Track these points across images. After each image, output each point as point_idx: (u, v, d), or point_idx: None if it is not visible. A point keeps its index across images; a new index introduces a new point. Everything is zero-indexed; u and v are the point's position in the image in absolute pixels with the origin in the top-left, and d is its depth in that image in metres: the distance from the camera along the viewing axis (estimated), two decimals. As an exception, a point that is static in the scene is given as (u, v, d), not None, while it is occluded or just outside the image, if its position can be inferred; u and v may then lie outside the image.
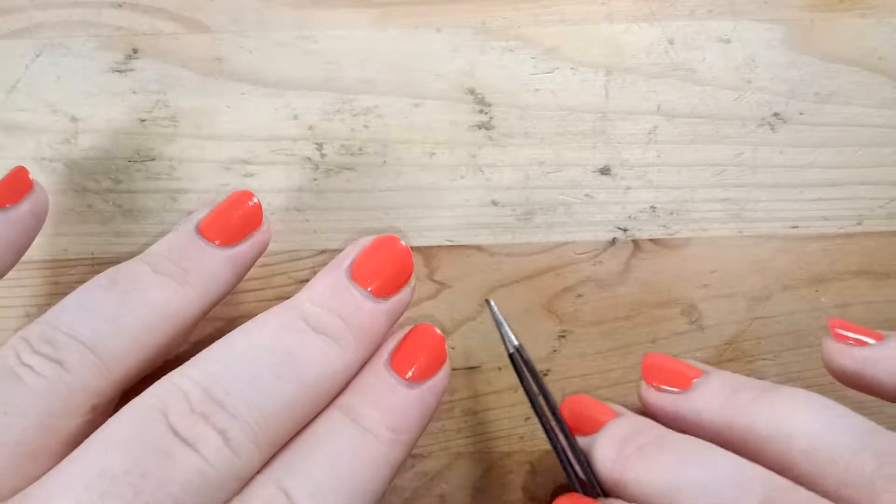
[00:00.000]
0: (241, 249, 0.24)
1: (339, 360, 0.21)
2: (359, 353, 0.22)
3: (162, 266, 0.22)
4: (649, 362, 0.24)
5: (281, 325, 0.21)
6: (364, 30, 0.27)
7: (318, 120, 0.27)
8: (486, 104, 0.27)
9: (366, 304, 0.23)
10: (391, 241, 0.24)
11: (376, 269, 0.23)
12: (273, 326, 0.21)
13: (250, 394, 0.20)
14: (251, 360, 0.20)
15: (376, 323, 0.23)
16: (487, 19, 0.27)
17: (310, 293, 0.23)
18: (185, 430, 0.19)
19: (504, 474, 0.28)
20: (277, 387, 0.20)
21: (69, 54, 0.27)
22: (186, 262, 0.23)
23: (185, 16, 0.27)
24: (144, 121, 0.27)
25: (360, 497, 0.20)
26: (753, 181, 0.27)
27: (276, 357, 0.20)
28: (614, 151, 0.27)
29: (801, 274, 0.28)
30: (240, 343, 0.21)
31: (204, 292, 0.22)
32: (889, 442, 0.19)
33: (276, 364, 0.20)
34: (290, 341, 0.21)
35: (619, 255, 0.27)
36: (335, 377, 0.21)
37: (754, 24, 0.27)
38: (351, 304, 0.22)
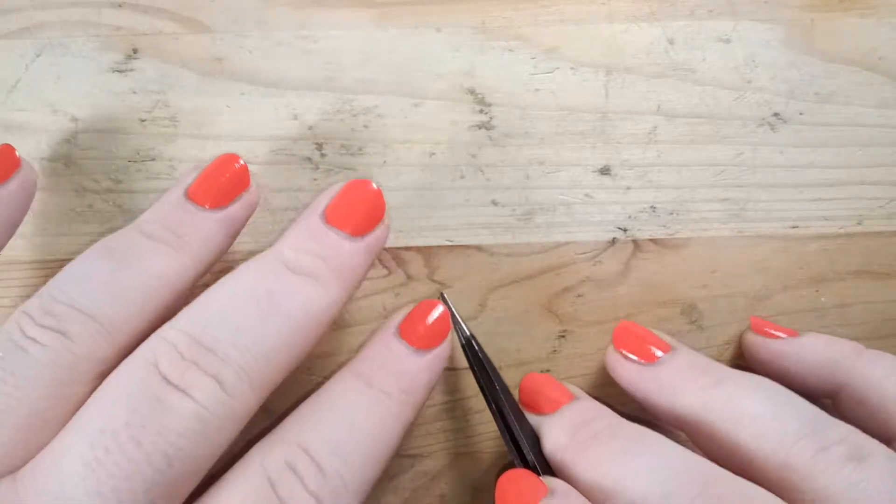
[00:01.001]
0: (232, 211, 0.24)
1: (324, 298, 0.22)
2: (342, 291, 0.22)
3: (156, 233, 0.23)
4: (622, 327, 0.25)
5: (261, 271, 0.22)
6: (364, 30, 0.27)
7: (318, 120, 0.27)
8: (486, 104, 0.27)
9: (343, 243, 0.23)
10: (362, 184, 0.24)
11: (350, 210, 0.23)
12: (253, 273, 0.22)
13: (238, 337, 0.20)
14: (236, 305, 0.21)
15: (356, 260, 0.23)
16: (487, 19, 0.27)
17: (287, 240, 0.23)
18: (178, 378, 0.19)
19: (504, 474, 0.28)
20: (264, 327, 0.20)
21: (69, 54, 0.27)
22: (179, 228, 0.23)
23: (185, 16, 0.27)
24: (144, 121, 0.27)
25: (377, 452, 0.21)
26: (753, 181, 0.27)
27: (259, 300, 0.21)
28: (614, 151, 0.27)
29: (801, 274, 0.28)
30: (222, 292, 0.21)
31: (199, 256, 0.23)
32: (833, 428, 0.20)
33: (261, 306, 0.21)
34: (272, 284, 0.21)
35: (619, 255, 0.27)
36: (321, 314, 0.22)
37: (754, 24, 0.27)
38: (329, 244, 0.23)
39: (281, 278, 0.21)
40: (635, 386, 0.24)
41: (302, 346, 0.21)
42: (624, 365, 0.24)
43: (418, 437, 0.27)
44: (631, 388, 0.24)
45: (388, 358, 0.23)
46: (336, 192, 0.23)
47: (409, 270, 0.27)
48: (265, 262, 0.22)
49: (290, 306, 0.21)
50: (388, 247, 0.27)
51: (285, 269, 0.22)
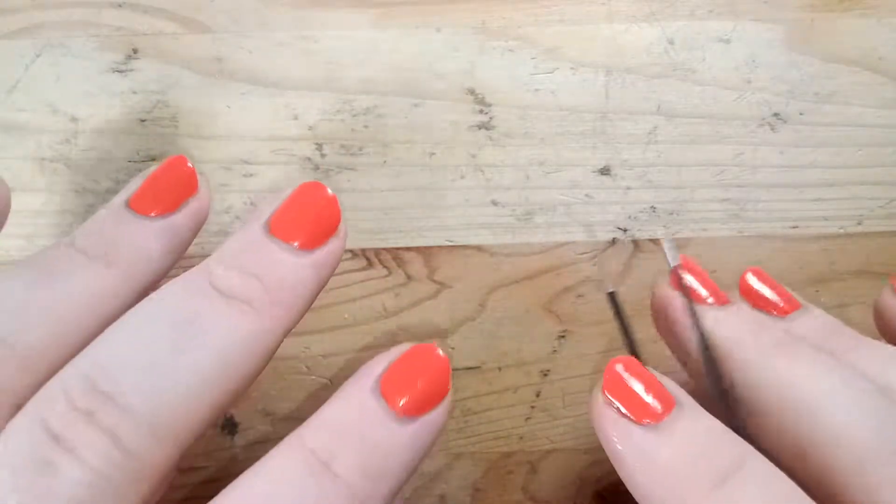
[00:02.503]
0: (175, 220, 0.21)
1: (255, 325, 0.18)
2: (281, 317, 0.19)
3: (87, 246, 0.20)
4: (755, 270, 0.22)
5: (183, 292, 0.18)
6: (364, 30, 0.27)
7: (318, 120, 0.27)
8: (486, 104, 0.27)
9: (286, 258, 0.19)
10: (314, 188, 0.20)
11: (298, 218, 0.19)
12: (172, 297, 0.18)
13: (144, 377, 0.17)
14: (143, 337, 0.17)
15: (300, 279, 0.19)
16: (487, 19, 0.27)
17: (220, 254, 0.19)
18: (67, 434, 0.16)
19: (504, 474, 0.28)
20: (176, 365, 0.17)
21: (69, 54, 0.27)
22: (114, 240, 0.20)
23: (185, 16, 0.27)
24: (144, 121, 0.27)
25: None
26: (753, 181, 0.27)
27: (173, 330, 0.17)
28: (614, 151, 0.27)
29: (801, 274, 0.28)
30: (133, 320, 0.18)
31: (133, 273, 0.20)
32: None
33: (174, 336, 0.17)
34: (191, 309, 0.18)
35: (619, 256, 0.27)
36: (253, 346, 0.18)
37: (754, 24, 0.27)
38: (268, 260, 0.19)
39: (203, 302, 0.18)
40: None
41: (229, 385, 0.18)
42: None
43: (418, 437, 0.27)
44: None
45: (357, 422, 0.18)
46: (284, 198, 0.20)
47: (409, 270, 0.27)
48: (189, 282, 0.19)
49: (211, 338, 0.18)
50: (387, 247, 0.27)
51: (211, 289, 0.18)
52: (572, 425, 0.28)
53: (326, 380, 0.27)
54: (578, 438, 0.28)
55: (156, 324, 0.18)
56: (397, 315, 0.27)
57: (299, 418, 0.27)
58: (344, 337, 0.27)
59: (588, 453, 0.28)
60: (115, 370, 0.17)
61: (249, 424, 0.27)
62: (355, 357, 0.27)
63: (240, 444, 0.27)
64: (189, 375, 0.17)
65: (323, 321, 0.27)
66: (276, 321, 0.19)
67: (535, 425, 0.28)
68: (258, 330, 0.18)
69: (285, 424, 0.27)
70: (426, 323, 0.27)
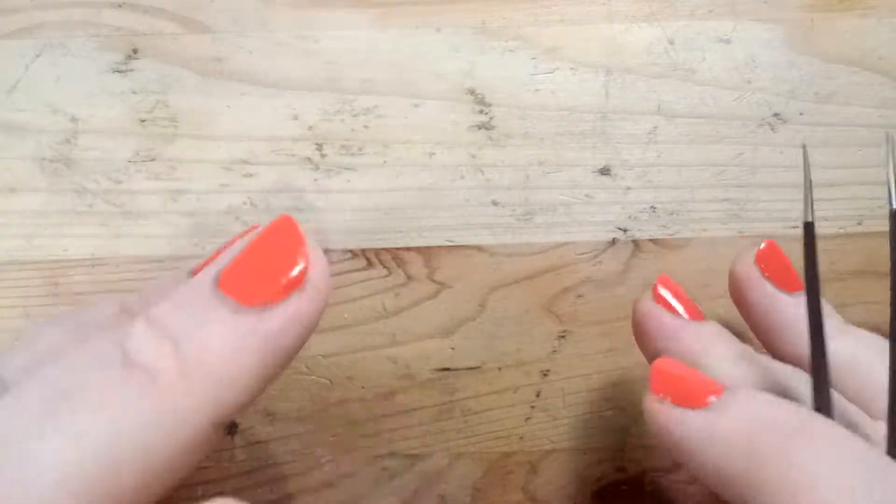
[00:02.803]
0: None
1: (156, 409, 0.14)
2: (201, 398, 0.15)
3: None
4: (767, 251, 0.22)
5: (82, 356, 0.15)
6: (364, 30, 0.27)
7: (318, 120, 0.27)
8: (486, 104, 0.27)
9: (224, 317, 0.15)
10: (281, 229, 0.16)
11: (254, 269, 0.15)
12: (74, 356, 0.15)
13: (2, 461, 0.14)
14: (15, 408, 0.14)
15: (237, 347, 0.15)
16: (487, 19, 0.27)
17: (155, 306, 0.16)
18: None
19: (504, 474, 0.28)
20: (38, 446, 0.14)
21: (69, 54, 0.27)
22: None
23: (185, 16, 0.27)
24: (144, 121, 0.27)
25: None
26: (753, 181, 0.27)
27: (45, 401, 0.14)
28: (614, 151, 0.27)
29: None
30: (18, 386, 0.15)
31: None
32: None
33: (43, 411, 0.14)
34: (78, 379, 0.14)
35: (619, 256, 0.27)
36: (148, 435, 0.14)
37: (754, 24, 0.27)
38: (199, 319, 0.15)
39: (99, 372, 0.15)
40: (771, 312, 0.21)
41: (118, 481, 0.14)
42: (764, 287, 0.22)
43: (418, 437, 0.27)
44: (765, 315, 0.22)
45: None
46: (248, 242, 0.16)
47: (409, 270, 0.27)
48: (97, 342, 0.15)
49: (91, 417, 0.14)
50: (387, 247, 0.27)
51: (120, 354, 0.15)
52: (572, 425, 0.28)
53: (326, 380, 0.27)
54: (578, 438, 0.28)
55: (28, 394, 0.14)
56: (397, 315, 0.27)
57: (299, 418, 0.27)
58: (344, 337, 0.27)
59: (588, 453, 0.28)
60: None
61: (249, 424, 0.27)
62: (355, 357, 0.27)
63: (240, 445, 0.27)
64: (50, 464, 0.14)
65: (323, 321, 0.27)
66: (192, 402, 0.14)
67: (535, 425, 0.28)
68: (160, 414, 0.14)
69: (285, 424, 0.27)
70: (426, 323, 0.27)
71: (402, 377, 0.27)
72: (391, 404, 0.27)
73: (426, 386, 0.27)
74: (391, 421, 0.27)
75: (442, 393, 0.27)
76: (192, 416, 0.14)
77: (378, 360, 0.27)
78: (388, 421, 0.27)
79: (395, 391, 0.27)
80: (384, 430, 0.27)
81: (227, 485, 0.27)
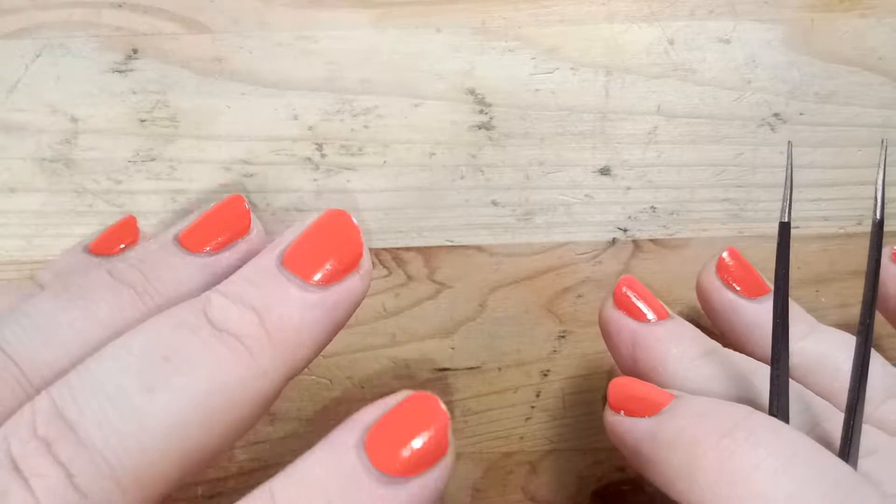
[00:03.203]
0: (221, 258, 0.20)
1: (246, 367, 0.16)
2: (280, 359, 0.17)
3: (123, 273, 0.19)
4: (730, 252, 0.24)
5: (170, 322, 0.17)
6: (364, 30, 0.27)
7: (318, 120, 0.27)
8: (486, 104, 0.27)
9: (293, 292, 0.17)
10: (338, 217, 0.19)
11: (314, 251, 0.18)
12: (158, 325, 0.17)
13: (108, 411, 0.15)
14: (118, 365, 0.16)
15: (307, 318, 0.18)
16: (487, 19, 0.27)
17: (226, 282, 0.18)
18: (24, 462, 0.15)
19: (504, 474, 0.28)
20: (146, 400, 0.15)
21: (69, 54, 0.27)
22: (152, 271, 0.19)
23: (185, 16, 0.27)
24: (144, 121, 0.27)
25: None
26: (753, 181, 0.27)
27: (146, 363, 0.16)
28: (614, 151, 0.27)
29: (801, 274, 0.28)
30: (113, 348, 0.17)
31: (164, 304, 0.18)
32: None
33: (148, 369, 0.16)
34: (172, 342, 0.16)
35: (619, 256, 0.27)
36: (240, 389, 0.16)
37: (754, 24, 0.27)
38: (273, 294, 0.17)
39: (191, 335, 0.17)
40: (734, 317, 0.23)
41: (208, 433, 0.16)
42: (724, 295, 0.23)
43: (418, 437, 0.27)
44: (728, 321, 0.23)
45: (334, 482, 0.15)
46: (307, 226, 0.19)
47: (409, 270, 0.27)
48: (183, 311, 0.17)
49: (193, 376, 0.16)
50: (388, 247, 0.27)
51: (205, 322, 0.17)
52: (572, 425, 0.28)
53: (326, 380, 0.27)
54: (578, 438, 0.28)
55: (131, 354, 0.16)
56: (397, 315, 0.27)
57: (299, 418, 0.27)
58: (344, 337, 0.27)
59: (588, 453, 0.28)
60: (81, 398, 0.16)
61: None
62: (355, 357, 0.27)
63: (240, 445, 0.27)
64: (159, 416, 0.15)
65: (323, 321, 0.27)
66: (273, 363, 0.17)
67: (535, 425, 0.28)
68: (249, 371, 0.17)
69: (285, 424, 0.27)
70: (426, 323, 0.27)
71: (402, 377, 0.27)
72: (391, 404, 0.27)
73: (426, 386, 0.27)
74: (391, 421, 0.27)
75: (442, 393, 0.27)
76: (273, 375, 0.17)
77: (378, 360, 0.27)
78: (388, 421, 0.27)
79: (395, 391, 0.27)
80: (384, 430, 0.27)
81: (227, 485, 0.27)
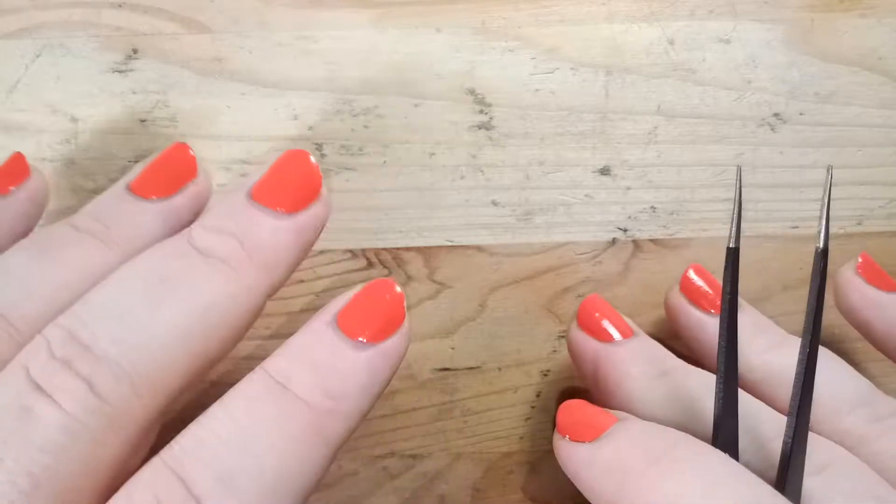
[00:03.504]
0: (175, 202, 0.22)
1: (234, 284, 0.19)
2: (261, 277, 0.19)
3: (85, 224, 0.21)
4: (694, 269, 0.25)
5: (160, 253, 0.19)
6: (364, 30, 0.27)
7: (318, 120, 0.27)
8: (486, 104, 0.27)
9: (266, 221, 0.20)
10: (297, 155, 0.21)
11: (279, 185, 0.20)
12: (153, 256, 0.19)
13: (119, 329, 0.17)
14: (122, 291, 0.18)
15: (280, 241, 0.20)
16: (487, 19, 0.27)
17: (201, 219, 0.20)
18: (46, 382, 0.17)
19: (504, 474, 0.28)
20: (152, 317, 0.18)
21: (69, 54, 0.27)
22: (111, 219, 0.21)
23: (185, 16, 0.27)
24: (144, 121, 0.27)
25: (284, 484, 0.17)
26: (753, 181, 0.27)
27: (148, 285, 0.18)
28: (614, 151, 0.27)
29: (801, 274, 0.28)
30: (113, 278, 0.19)
31: (129, 248, 0.20)
32: (886, 402, 0.22)
33: (150, 291, 0.18)
34: (166, 267, 0.19)
35: (619, 256, 0.27)
36: (231, 303, 0.19)
37: (754, 24, 0.27)
38: (248, 222, 0.20)
39: (182, 261, 0.19)
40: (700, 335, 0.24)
41: (208, 342, 0.18)
42: (689, 313, 0.24)
43: (418, 437, 0.27)
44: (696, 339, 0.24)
45: (314, 349, 0.19)
46: (270, 165, 0.21)
47: (409, 270, 0.27)
48: (170, 244, 0.19)
49: (189, 293, 0.18)
50: (387, 247, 0.27)
51: (192, 250, 0.19)
52: (572, 425, 0.28)
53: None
54: (578, 438, 0.28)
55: (132, 281, 0.18)
56: (397, 315, 0.27)
57: (299, 418, 0.27)
58: (344, 337, 0.27)
59: (588, 453, 0.28)
60: (92, 323, 0.18)
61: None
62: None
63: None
64: (164, 329, 0.18)
65: (323, 321, 0.27)
66: (256, 279, 0.19)
67: (535, 425, 0.28)
68: (236, 287, 0.19)
69: (285, 424, 0.27)
70: (426, 323, 0.27)
71: (402, 377, 0.27)
72: (391, 404, 0.27)
73: (426, 386, 0.27)
74: (391, 421, 0.27)
75: (442, 393, 0.27)
76: (257, 291, 0.19)
77: (378, 360, 0.27)
78: (388, 421, 0.27)
79: (395, 391, 0.27)
80: (384, 430, 0.27)
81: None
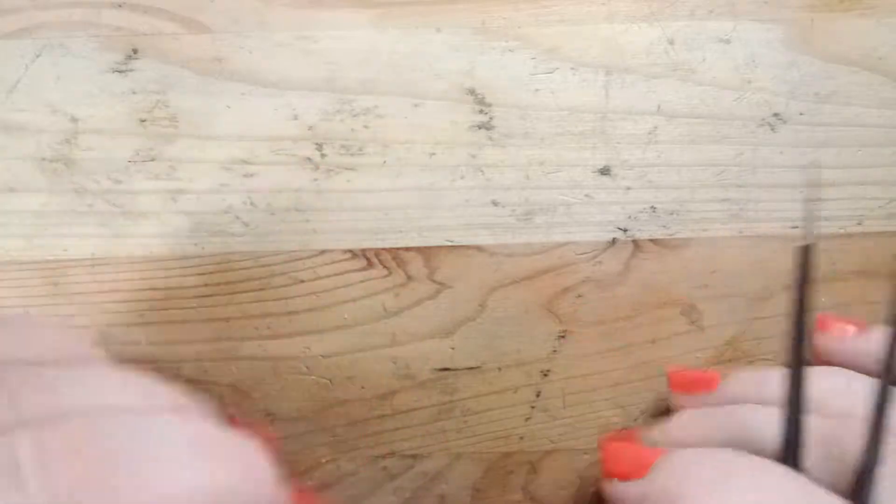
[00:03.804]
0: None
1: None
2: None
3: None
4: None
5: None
6: (364, 30, 0.27)
7: (318, 120, 0.27)
8: (486, 104, 0.27)
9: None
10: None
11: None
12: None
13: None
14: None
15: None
16: (487, 19, 0.27)
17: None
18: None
19: (504, 474, 0.28)
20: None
21: (69, 54, 0.27)
22: None
23: (185, 16, 0.27)
24: (144, 121, 0.27)
25: None
26: (753, 181, 0.27)
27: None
28: (614, 151, 0.27)
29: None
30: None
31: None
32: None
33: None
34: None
35: (619, 256, 0.27)
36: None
37: (754, 24, 0.27)
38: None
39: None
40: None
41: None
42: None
43: (418, 437, 0.27)
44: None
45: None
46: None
47: (409, 270, 0.27)
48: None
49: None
50: (387, 247, 0.27)
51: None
52: (572, 425, 0.28)
53: (326, 380, 0.27)
54: (578, 438, 0.28)
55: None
56: (397, 315, 0.27)
57: (299, 418, 0.27)
58: (344, 337, 0.27)
59: (588, 453, 0.28)
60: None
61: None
62: (355, 357, 0.27)
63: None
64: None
65: (323, 321, 0.27)
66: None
67: (535, 425, 0.28)
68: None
69: (285, 424, 0.27)
70: (426, 323, 0.27)
71: (402, 377, 0.27)
72: (391, 404, 0.27)
73: (426, 386, 0.27)
74: (391, 421, 0.27)
75: (442, 393, 0.27)
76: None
77: (378, 360, 0.27)
78: (388, 421, 0.27)
79: (395, 391, 0.27)
80: (384, 430, 0.27)
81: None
